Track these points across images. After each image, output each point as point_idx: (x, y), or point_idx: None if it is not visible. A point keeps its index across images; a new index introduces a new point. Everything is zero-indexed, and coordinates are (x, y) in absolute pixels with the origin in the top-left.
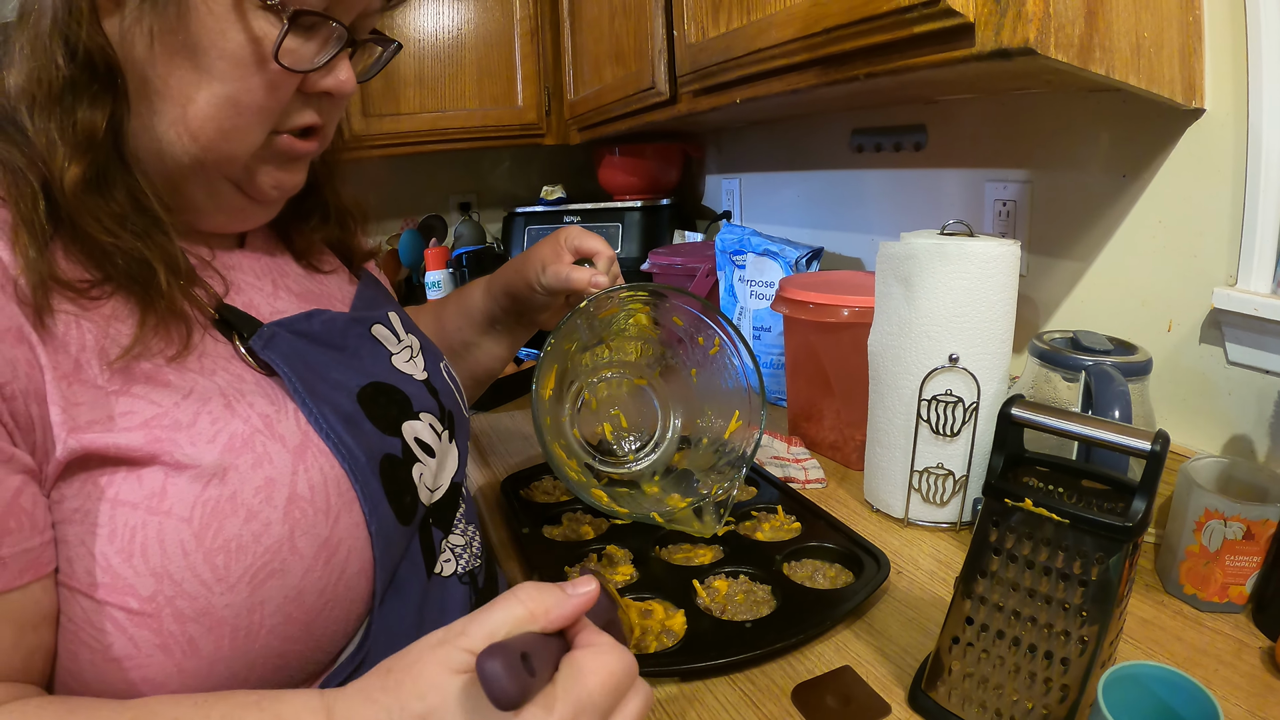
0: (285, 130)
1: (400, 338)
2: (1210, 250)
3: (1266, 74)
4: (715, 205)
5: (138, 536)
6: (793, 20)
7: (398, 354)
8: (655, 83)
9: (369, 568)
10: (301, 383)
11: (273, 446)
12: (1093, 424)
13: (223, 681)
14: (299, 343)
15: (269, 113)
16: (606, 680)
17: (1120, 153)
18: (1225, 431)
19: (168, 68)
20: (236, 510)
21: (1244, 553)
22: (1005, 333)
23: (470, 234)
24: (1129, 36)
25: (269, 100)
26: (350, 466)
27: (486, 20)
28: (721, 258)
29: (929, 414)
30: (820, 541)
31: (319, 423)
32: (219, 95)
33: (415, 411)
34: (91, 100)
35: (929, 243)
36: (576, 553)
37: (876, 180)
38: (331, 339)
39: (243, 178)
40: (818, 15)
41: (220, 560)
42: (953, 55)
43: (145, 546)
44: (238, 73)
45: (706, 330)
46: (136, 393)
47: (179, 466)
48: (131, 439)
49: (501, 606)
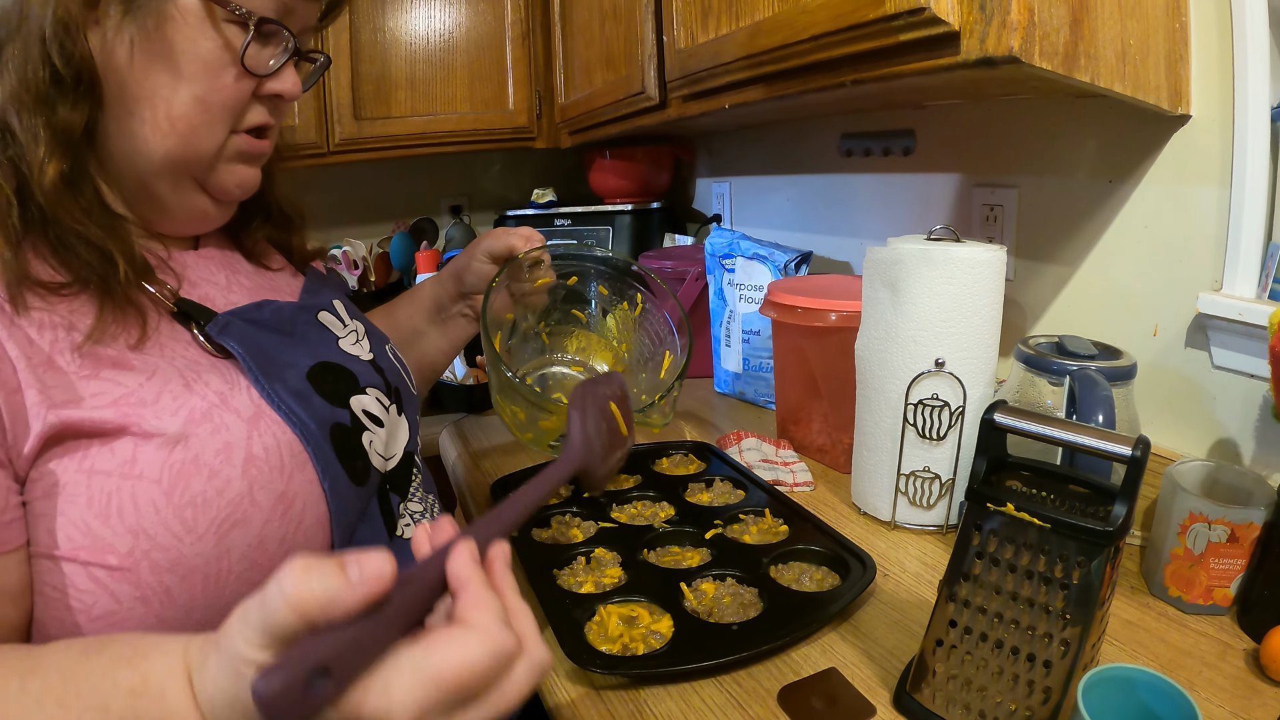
0: (243, 129)
1: (345, 323)
2: (1196, 255)
3: (1252, 79)
4: (705, 209)
5: (113, 500)
6: (780, 27)
7: (344, 338)
8: (645, 87)
9: (325, 520)
10: (255, 362)
11: (229, 417)
12: (1075, 430)
13: (199, 630)
14: (250, 329)
15: (232, 112)
16: (457, 676)
17: (1107, 158)
18: (1211, 435)
19: (145, 73)
20: (200, 470)
21: (1228, 555)
22: (991, 337)
23: (461, 237)
24: (1114, 44)
25: (233, 100)
26: (302, 433)
27: (478, 23)
28: (711, 261)
29: (916, 418)
30: (807, 544)
31: (270, 396)
32: (191, 95)
33: (362, 387)
34: (73, 104)
35: (915, 248)
36: (564, 555)
37: (865, 185)
38: (280, 325)
39: (207, 176)
40: (805, 23)
41: (189, 514)
42: (938, 63)
43: (121, 508)
44: (208, 75)
45: (630, 294)
46: (105, 376)
47: (146, 436)
48: (103, 414)
49: (259, 604)
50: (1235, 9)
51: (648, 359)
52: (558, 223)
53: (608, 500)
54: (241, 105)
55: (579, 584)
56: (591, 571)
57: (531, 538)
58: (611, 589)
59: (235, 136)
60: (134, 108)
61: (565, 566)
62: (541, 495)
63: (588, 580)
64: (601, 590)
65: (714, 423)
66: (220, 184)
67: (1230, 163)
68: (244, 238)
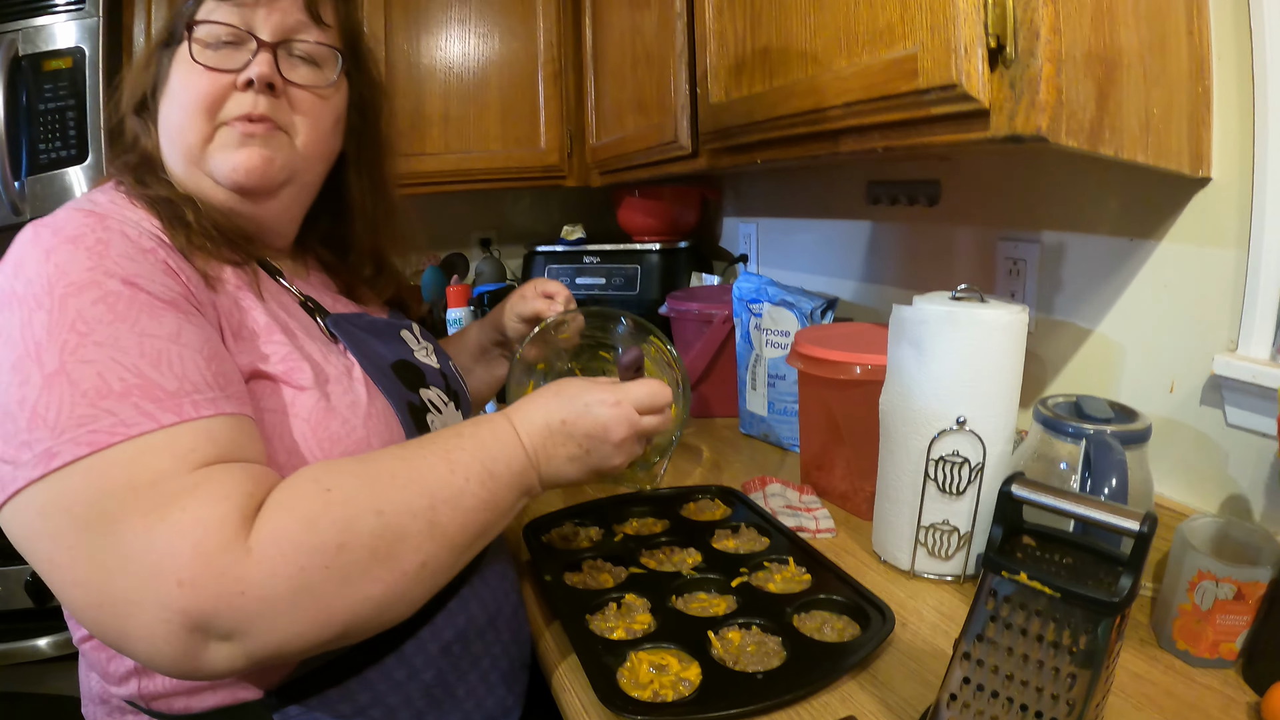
0: (230, 120)
1: (420, 341)
2: (1212, 315)
3: (1272, 144)
4: (732, 247)
5: (277, 428)
6: (813, 91)
7: (418, 350)
8: (678, 137)
9: None
10: (357, 350)
11: (353, 383)
12: (1086, 504)
13: None
14: (353, 329)
15: (206, 106)
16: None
17: (1128, 216)
18: (1223, 491)
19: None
20: (335, 416)
21: (1234, 612)
22: (1012, 397)
23: (491, 271)
24: (1139, 114)
25: (203, 95)
26: (395, 403)
27: (510, 61)
28: (738, 305)
29: (936, 473)
30: (829, 594)
31: (372, 374)
32: (180, 103)
33: (428, 383)
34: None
35: (940, 309)
36: (596, 600)
37: (891, 232)
38: (373, 330)
39: (203, 160)
40: (838, 89)
41: (326, 445)
42: (968, 137)
43: (282, 435)
44: (184, 84)
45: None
46: (275, 340)
47: (300, 388)
48: (275, 368)
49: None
50: (1258, 71)
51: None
52: (586, 260)
53: (637, 546)
54: (215, 98)
55: (610, 629)
56: (622, 617)
57: (564, 581)
58: (642, 635)
59: (225, 127)
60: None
61: (597, 611)
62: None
63: (619, 626)
64: (632, 636)
65: (740, 465)
66: (216, 167)
67: (1249, 225)
68: (343, 279)
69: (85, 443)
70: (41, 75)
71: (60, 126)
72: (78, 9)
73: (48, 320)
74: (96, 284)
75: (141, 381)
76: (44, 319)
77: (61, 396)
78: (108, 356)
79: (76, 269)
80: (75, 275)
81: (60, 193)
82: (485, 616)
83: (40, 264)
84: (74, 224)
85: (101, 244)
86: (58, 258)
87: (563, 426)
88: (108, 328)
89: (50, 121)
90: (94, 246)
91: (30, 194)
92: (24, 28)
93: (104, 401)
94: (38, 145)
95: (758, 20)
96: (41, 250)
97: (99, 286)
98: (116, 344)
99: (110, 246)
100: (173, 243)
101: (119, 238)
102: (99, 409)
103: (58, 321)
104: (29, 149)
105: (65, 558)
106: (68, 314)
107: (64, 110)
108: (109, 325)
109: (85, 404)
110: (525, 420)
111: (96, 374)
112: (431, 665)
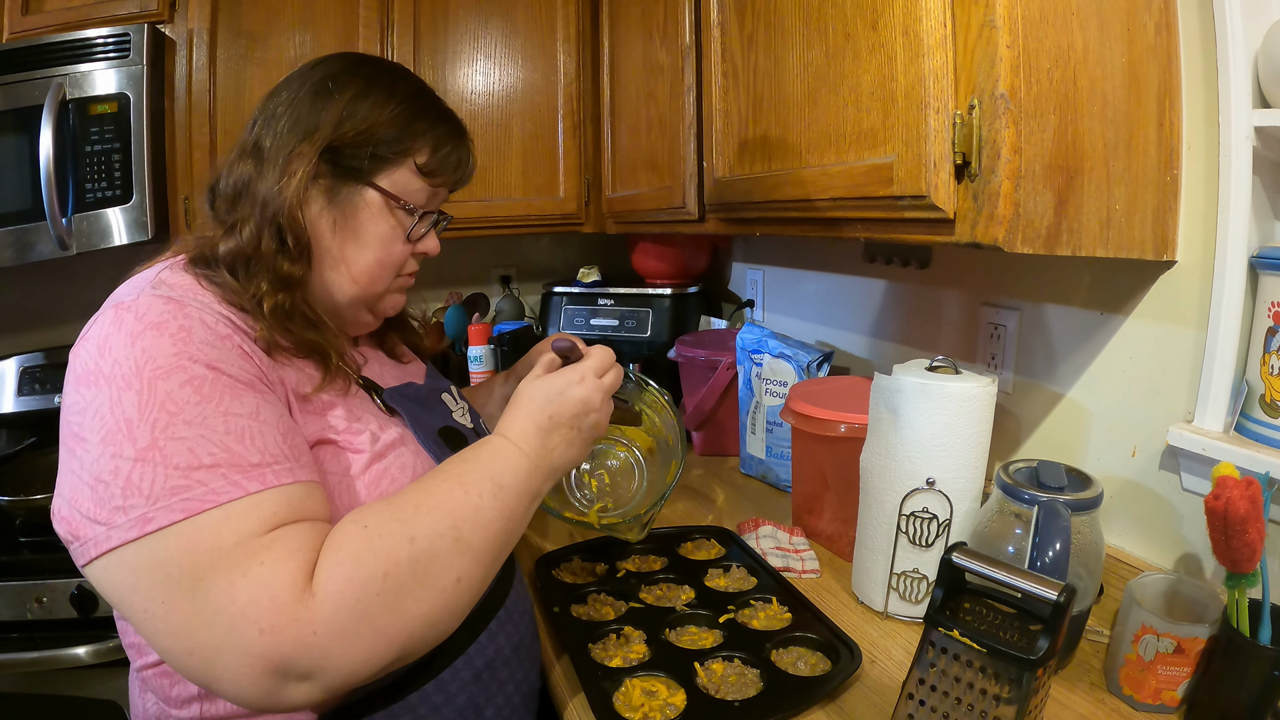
0: (405, 274)
1: (457, 402)
2: (1172, 387)
3: (1233, 230)
4: (741, 291)
5: (336, 489)
6: (805, 182)
7: (455, 412)
8: (686, 203)
9: None
10: (412, 421)
11: (405, 450)
12: (1014, 573)
13: None
14: (405, 401)
15: (397, 268)
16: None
17: (1100, 292)
18: (1178, 549)
19: (342, 243)
20: (388, 478)
21: (1175, 664)
22: (979, 460)
23: (510, 308)
24: (1099, 214)
25: (399, 260)
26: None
27: (532, 112)
28: (741, 354)
29: (908, 527)
30: (805, 632)
31: (423, 442)
32: (372, 259)
33: (467, 444)
34: (293, 261)
35: (914, 380)
36: (598, 631)
37: (886, 289)
38: (420, 399)
39: (375, 304)
40: (825, 184)
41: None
42: (935, 239)
43: (340, 494)
44: (384, 246)
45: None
46: (335, 413)
47: (358, 452)
48: (337, 436)
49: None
50: (1223, 160)
51: (665, 450)
52: (601, 302)
53: (637, 581)
54: (403, 263)
55: (609, 657)
56: (621, 647)
57: (570, 614)
58: (637, 663)
59: (396, 278)
60: (334, 265)
61: (599, 641)
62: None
63: (617, 655)
64: (628, 665)
65: (737, 504)
66: (382, 308)
67: (1208, 306)
68: (385, 340)
69: (179, 509)
70: (88, 119)
71: (106, 168)
72: (122, 56)
73: (138, 400)
74: (182, 368)
75: (229, 455)
76: (134, 399)
77: (155, 468)
78: (197, 434)
79: (162, 354)
80: (161, 360)
81: (104, 231)
82: (510, 646)
83: (127, 347)
84: (155, 310)
85: (184, 331)
86: (144, 343)
87: (550, 422)
88: (195, 408)
89: (96, 163)
90: (177, 334)
91: (76, 230)
92: (71, 72)
93: (195, 473)
94: (84, 185)
95: (759, 105)
96: (127, 334)
97: (185, 371)
98: (204, 423)
99: (192, 334)
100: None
101: (199, 325)
102: (191, 480)
103: (148, 401)
104: (75, 188)
105: (159, 610)
106: (157, 395)
107: (109, 153)
108: (196, 406)
109: (179, 475)
110: (516, 431)
111: (188, 449)
112: (465, 690)
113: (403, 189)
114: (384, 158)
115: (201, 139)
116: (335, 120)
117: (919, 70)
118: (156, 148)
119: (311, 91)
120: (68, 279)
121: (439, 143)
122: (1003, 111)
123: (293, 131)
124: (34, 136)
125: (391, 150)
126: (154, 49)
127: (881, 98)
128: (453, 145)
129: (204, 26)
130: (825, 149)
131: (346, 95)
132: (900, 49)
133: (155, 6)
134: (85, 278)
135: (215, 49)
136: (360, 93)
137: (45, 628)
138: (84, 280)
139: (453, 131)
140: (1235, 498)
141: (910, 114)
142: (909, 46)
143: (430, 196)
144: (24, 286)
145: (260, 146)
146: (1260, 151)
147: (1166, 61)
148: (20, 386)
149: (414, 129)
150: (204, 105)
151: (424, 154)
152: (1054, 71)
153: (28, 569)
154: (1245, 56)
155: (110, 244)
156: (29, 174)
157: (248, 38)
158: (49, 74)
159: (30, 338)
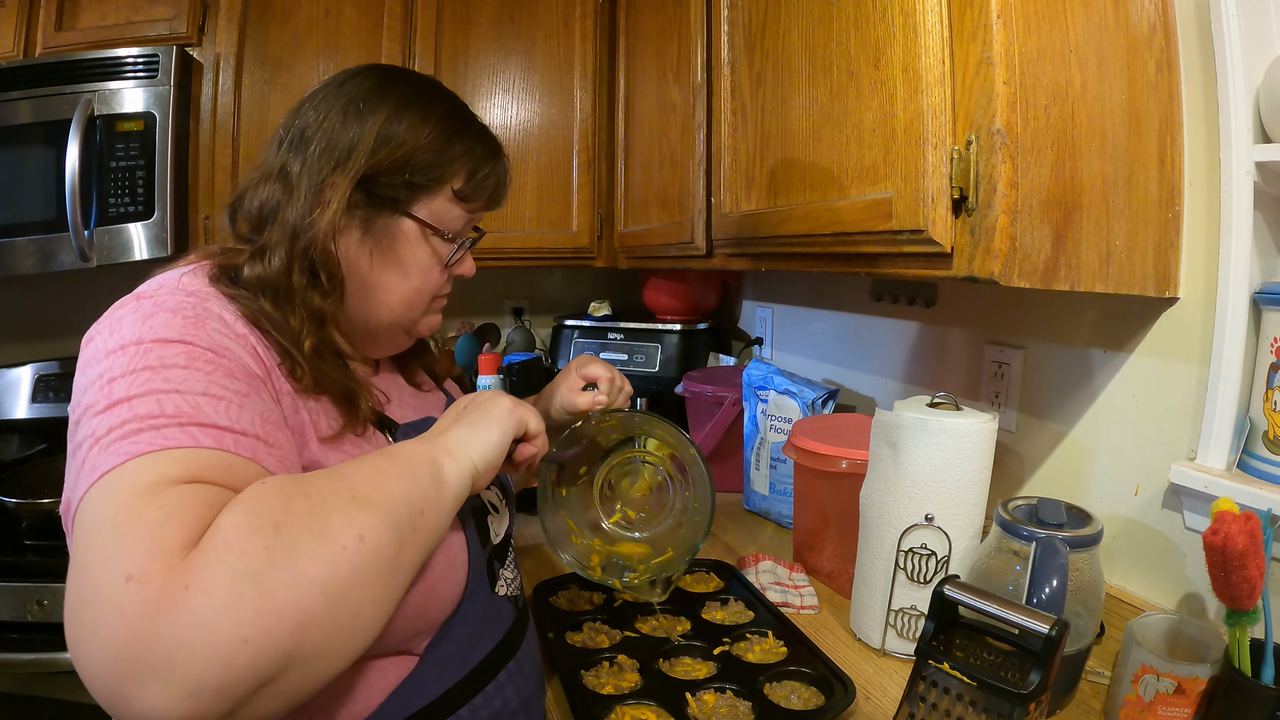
0: (440, 295)
1: None
2: (1175, 426)
3: (1235, 267)
4: (750, 328)
5: None
6: (808, 218)
7: None
8: (694, 239)
9: (465, 564)
10: None
11: None
12: (1006, 607)
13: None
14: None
15: (435, 293)
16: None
17: (1102, 330)
18: (1181, 588)
19: (380, 273)
20: None
21: (1175, 705)
22: (979, 497)
23: (521, 340)
24: (1099, 249)
25: (436, 286)
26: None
27: (547, 146)
28: (747, 390)
29: (906, 563)
30: (800, 666)
31: None
32: (411, 287)
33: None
34: (323, 295)
35: (915, 416)
36: (591, 659)
37: (891, 328)
38: None
39: (411, 327)
40: (829, 219)
41: None
42: (934, 274)
43: None
44: (423, 273)
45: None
46: (344, 450)
47: None
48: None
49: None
50: (1224, 195)
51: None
52: (611, 336)
53: (634, 611)
54: (440, 287)
55: (601, 685)
56: (613, 676)
57: (566, 640)
58: (629, 691)
59: (433, 300)
60: (370, 294)
61: (591, 669)
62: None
63: (609, 683)
64: (620, 693)
65: (740, 538)
66: (418, 330)
67: (1210, 343)
68: (406, 365)
69: (124, 453)
70: (114, 135)
71: (129, 184)
72: (151, 76)
73: (128, 361)
74: (184, 342)
75: (196, 413)
76: (125, 360)
77: (119, 418)
78: (173, 390)
79: (169, 330)
80: (165, 333)
81: (124, 245)
82: (519, 700)
83: (137, 325)
84: (175, 299)
85: (198, 317)
86: (154, 321)
87: (456, 412)
88: (182, 371)
89: (120, 178)
90: (190, 318)
91: (98, 243)
92: (100, 89)
93: (155, 420)
94: (107, 199)
95: (767, 142)
96: (140, 316)
97: (186, 344)
98: (185, 384)
99: (206, 323)
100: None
101: (215, 319)
102: (145, 425)
103: (136, 359)
104: (99, 201)
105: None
106: (149, 357)
107: (133, 169)
108: (183, 370)
109: (136, 423)
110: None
111: (156, 402)
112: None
113: (439, 218)
114: (420, 185)
115: (224, 160)
116: (370, 147)
117: (918, 106)
118: (179, 167)
119: (342, 112)
120: (86, 291)
121: (476, 165)
122: (999, 146)
123: (324, 157)
124: (61, 150)
125: (428, 177)
126: (182, 71)
127: (882, 134)
128: (490, 167)
129: (231, 51)
130: (829, 185)
131: (380, 117)
132: (900, 85)
133: (185, 29)
134: (104, 290)
135: (241, 74)
136: (393, 114)
137: (45, 630)
138: (102, 293)
139: (489, 151)
140: (1234, 532)
141: (909, 149)
142: (909, 83)
143: (467, 223)
144: (43, 296)
145: (288, 171)
146: (1261, 187)
147: (1167, 98)
148: (34, 393)
149: (450, 153)
150: (228, 128)
151: (460, 179)
152: (1051, 108)
153: (31, 571)
154: (1246, 92)
155: (130, 258)
156: (54, 186)
157: (273, 64)
158: (79, 90)
159: (47, 346)
